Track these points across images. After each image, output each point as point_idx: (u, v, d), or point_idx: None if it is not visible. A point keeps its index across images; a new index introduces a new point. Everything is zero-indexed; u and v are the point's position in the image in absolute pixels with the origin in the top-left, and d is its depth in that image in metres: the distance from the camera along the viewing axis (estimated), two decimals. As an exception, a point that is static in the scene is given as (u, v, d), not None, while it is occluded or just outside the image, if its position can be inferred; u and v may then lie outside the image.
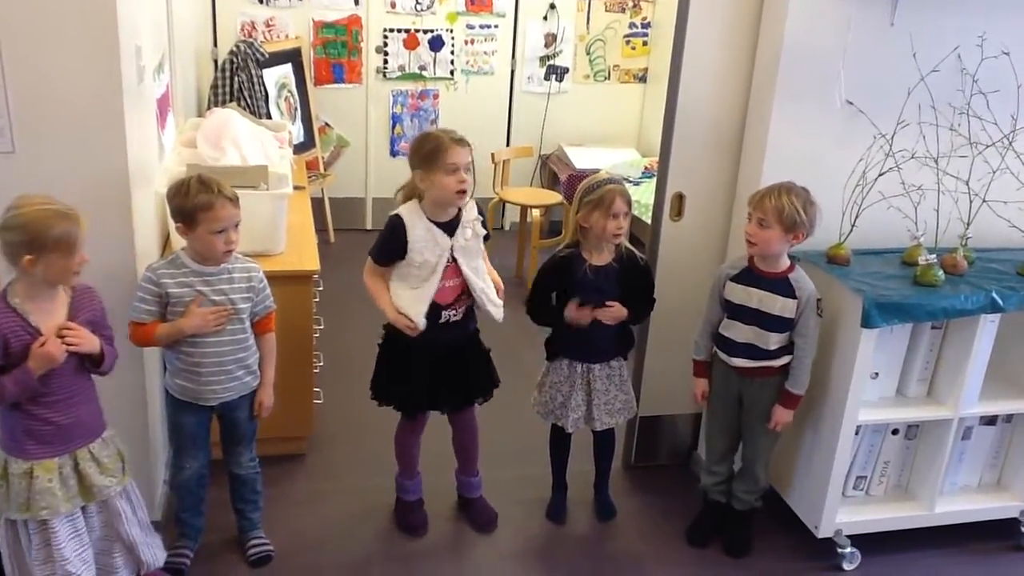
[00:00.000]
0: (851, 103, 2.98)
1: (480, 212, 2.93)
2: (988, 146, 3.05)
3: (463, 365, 2.99)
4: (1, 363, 2.22)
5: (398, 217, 2.83)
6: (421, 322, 2.82)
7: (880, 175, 3.01)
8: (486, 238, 2.97)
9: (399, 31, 5.82)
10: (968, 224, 3.06)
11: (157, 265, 2.64)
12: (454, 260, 2.84)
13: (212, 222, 2.54)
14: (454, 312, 2.89)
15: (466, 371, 3.01)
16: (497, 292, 2.96)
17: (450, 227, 2.84)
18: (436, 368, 2.94)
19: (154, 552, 2.60)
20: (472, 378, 3.04)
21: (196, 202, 2.53)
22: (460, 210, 2.86)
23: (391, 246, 2.83)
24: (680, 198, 3.24)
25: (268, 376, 2.80)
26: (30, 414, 2.29)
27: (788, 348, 2.91)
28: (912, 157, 3.01)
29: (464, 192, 2.78)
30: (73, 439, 2.36)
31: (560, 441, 3.25)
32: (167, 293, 2.59)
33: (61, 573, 2.38)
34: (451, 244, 2.83)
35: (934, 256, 2.94)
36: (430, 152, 2.74)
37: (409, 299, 2.84)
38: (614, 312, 2.98)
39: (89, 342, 2.31)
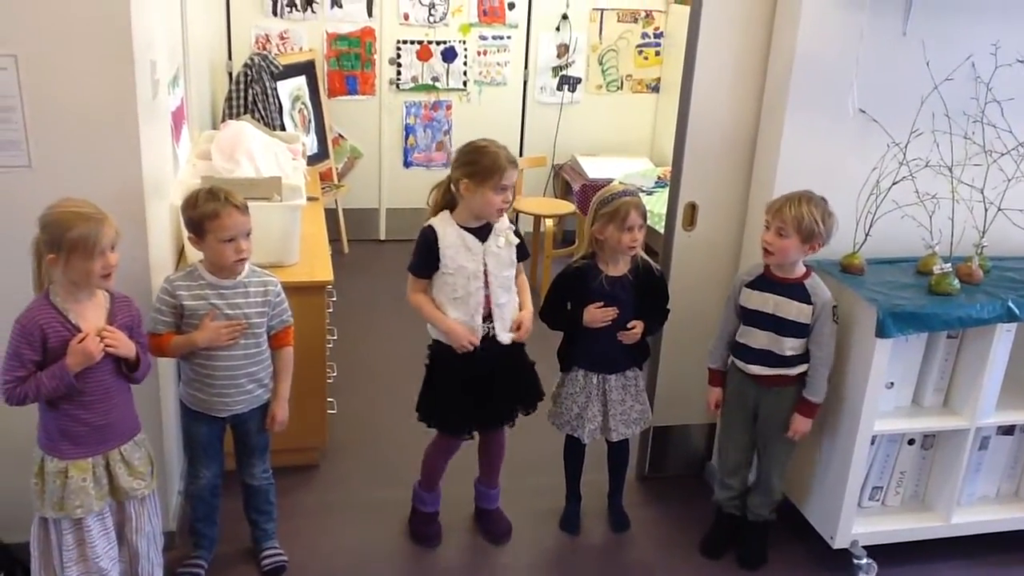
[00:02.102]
0: (864, 112, 2.98)
1: (512, 221, 2.93)
2: (1003, 154, 3.04)
3: (509, 380, 2.96)
4: (38, 358, 2.26)
5: (430, 227, 2.84)
6: (479, 335, 2.82)
7: (894, 184, 3.00)
8: (525, 254, 2.96)
9: (412, 43, 5.85)
10: (983, 233, 3.04)
11: (174, 277, 2.66)
12: (485, 267, 2.83)
13: (220, 231, 2.55)
14: (491, 326, 2.87)
15: (512, 386, 2.98)
16: (516, 325, 2.90)
17: (482, 233, 2.84)
18: (483, 384, 2.91)
19: (152, 568, 2.59)
20: (519, 392, 3.01)
21: (203, 211, 2.55)
22: None
23: (426, 257, 2.83)
24: (693, 208, 3.23)
25: (282, 391, 2.80)
26: (67, 414, 2.32)
27: (804, 356, 2.89)
28: (926, 166, 3.00)
29: (504, 211, 2.82)
30: (107, 440, 2.40)
31: (574, 451, 3.24)
32: (182, 305, 2.60)
33: (95, 569, 2.42)
34: (483, 249, 2.82)
35: (949, 265, 2.92)
36: (486, 168, 2.74)
37: (460, 315, 2.83)
38: (637, 331, 2.99)
39: (126, 346, 2.35)
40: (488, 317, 2.86)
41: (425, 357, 2.98)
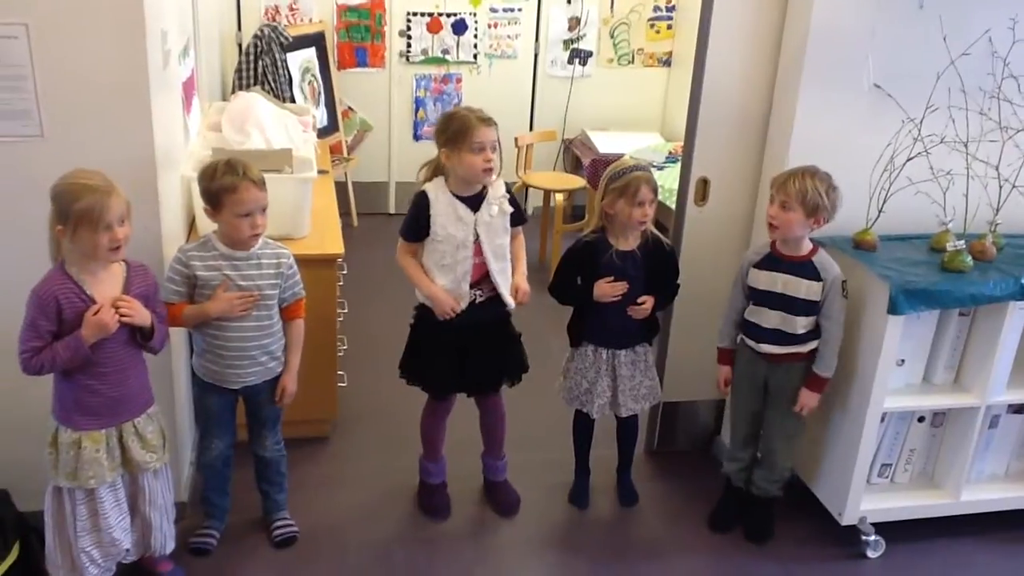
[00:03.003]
0: (879, 87, 2.95)
1: (509, 190, 2.92)
2: (1019, 131, 3.01)
3: (492, 348, 2.99)
4: (54, 328, 2.27)
5: (422, 193, 2.85)
6: (464, 302, 2.84)
7: (908, 160, 2.98)
8: (521, 219, 2.96)
9: (422, 15, 5.81)
10: (997, 210, 3.01)
11: (187, 247, 2.66)
12: (476, 236, 2.83)
13: (236, 205, 2.55)
14: (480, 292, 2.89)
15: (495, 354, 3.01)
16: (514, 290, 2.92)
17: (474, 202, 2.84)
18: (465, 350, 2.94)
19: (164, 540, 2.63)
20: (501, 361, 3.04)
21: (221, 184, 2.54)
22: (486, 186, 2.85)
23: (417, 222, 2.84)
24: (705, 183, 3.22)
25: (293, 363, 2.81)
26: (81, 385, 2.34)
27: (815, 332, 2.89)
28: (941, 142, 2.97)
29: (490, 170, 2.79)
30: (120, 412, 2.42)
31: (583, 426, 3.25)
32: (195, 275, 2.61)
33: (108, 540, 2.46)
34: (475, 219, 2.83)
35: (962, 242, 2.91)
36: (456, 131, 2.74)
37: (446, 281, 2.85)
38: (648, 306, 2.98)
39: (141, 315, 2.36)
40: (476, 284, 2.88)
41: (411, 317, 3.00)
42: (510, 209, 2.90)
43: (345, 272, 4.24)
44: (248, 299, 2.64)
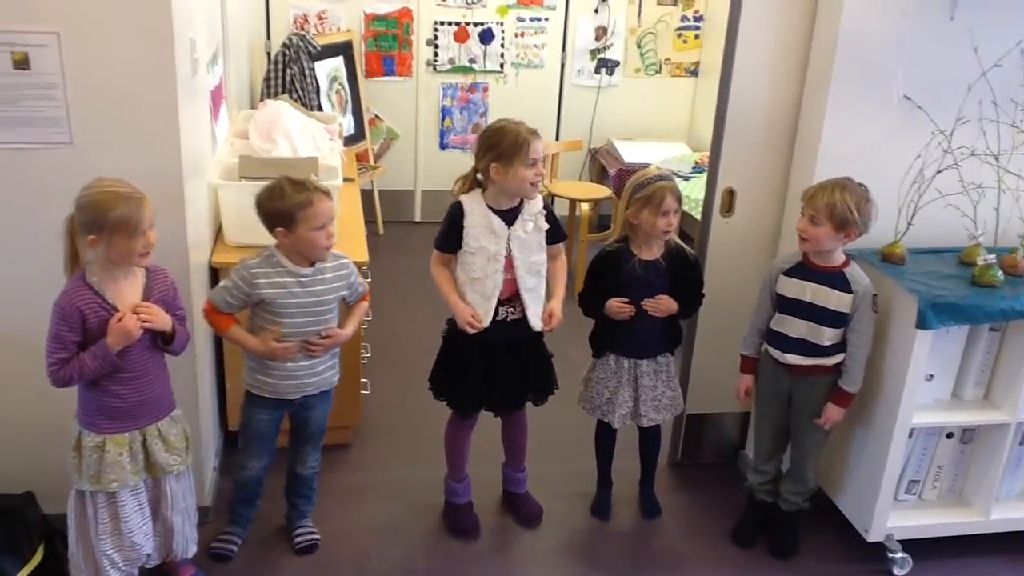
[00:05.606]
0: (908, 98, 2.92)
1: (546, 207, 2.89)
2: (1052, 143, 2.97)
3: (522, 366, 2.97)
4: (79, 339, 2.29)
5: (457, 203, 2.83)
6: (486, 320, 2.82)
7: (938, 172, 2.94)
8: (560, 236, 2.94)
9: (449, 24, 5.83)
10: (1030, 223, 2.98)
11: (252, 264, 2.62)
12: (509, 251, 2.82)
13: (312, 219, 2.54)
14: (512, 310, 2.87)
15: (524, 373, 2.98)
16: (547, 316, 2.89)
17: (510, 217, 2.82)
18: (494, 367, 2.91)
19: (186, 544, 2.64)
20: (529, 381, 3.01)
21: (295, 202, 2.52)
22: (523, 201, 2.84)
23: (450, 232, 2.83)
24: (731, 194, 3.20)
25: (349, 323, 2.77)
26: (105, 390, 2.36)
27: (841, 346, 2.86)
28: (972, 154, 2.94)
29: (538, 184, 2.78)
30: (143, 416, 2.43)
31: (606, 437, 3.23)
32: (260, 295, 2.59)
33: (128, 544, 2.48)
34: (508, 233, 2.81)
35: (993, 256, 2.87)
36: (511, 146, 2.71)
37: (476, 296, 2.83)
38: (662, 305, 2.95)
39: (162, 320, 2.37)
40: (508, 301, 2.85)
41: (442, 331, 2.99)
42: (546, 226, 2.87)
43: (370, 280, 4.24)
44: (290, 350, 2.63)
